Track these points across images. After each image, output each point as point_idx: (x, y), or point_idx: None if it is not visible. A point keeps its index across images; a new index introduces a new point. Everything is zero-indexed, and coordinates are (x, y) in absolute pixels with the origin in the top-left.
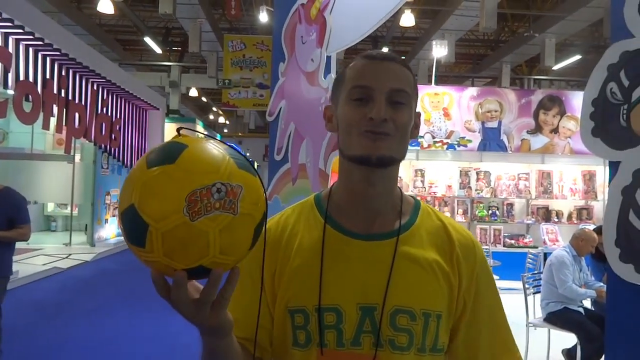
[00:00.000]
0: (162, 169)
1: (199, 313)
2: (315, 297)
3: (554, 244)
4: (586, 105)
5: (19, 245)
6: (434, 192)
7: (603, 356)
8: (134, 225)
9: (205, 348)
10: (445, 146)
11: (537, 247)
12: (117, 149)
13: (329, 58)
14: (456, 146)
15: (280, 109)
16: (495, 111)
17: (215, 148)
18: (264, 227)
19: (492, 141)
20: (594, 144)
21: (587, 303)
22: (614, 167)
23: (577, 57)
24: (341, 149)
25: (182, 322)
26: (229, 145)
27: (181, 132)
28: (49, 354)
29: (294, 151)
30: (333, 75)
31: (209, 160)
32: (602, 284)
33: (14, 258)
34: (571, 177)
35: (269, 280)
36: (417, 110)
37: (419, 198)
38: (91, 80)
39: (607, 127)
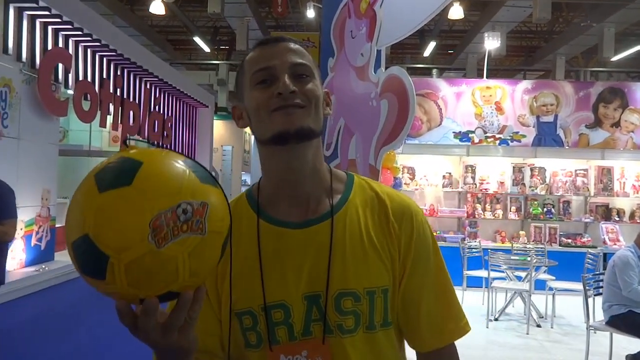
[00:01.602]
0: (118, 192)
1: (165, 338)
2: (260, 296)
3: (615, 244)
4: None
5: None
6: (486, 189)
7: None
8: (90, 257)
9: None
10: (497, 141)
11: (596, 247)
12: (169, 145)
13: (379, 52)
14: (509, 141)
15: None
16: (551, 105)
17: (173, 161)
18: (229, 241)
19: (547, 136)
20: None
21: None
22: None
23: (639, 47)
24: (256, 137)
25: None
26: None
27: (129, 143)
28: (117, 335)
29: (344, 146)
30: (383, 69)
31: (170, 178)
32: None
33: None
34: (634, 173)
35: (212, 287)
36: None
37: (351, 172)
38: (144, 79)
39: None
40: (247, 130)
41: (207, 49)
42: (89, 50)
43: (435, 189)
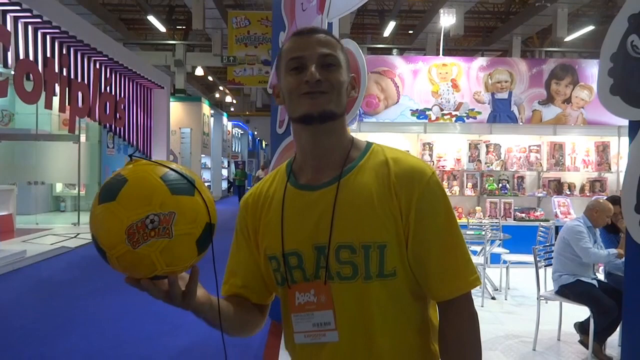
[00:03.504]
0: (107, 206)
1: (173, 303)
2: (280, 245)
3: (566, 217)
4: (604, 61)
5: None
6: (443, 166)
7: (617, 328)
8: (98, 250)
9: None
10: (454, 118)
11: (548, 221)
12: (122, 128)
13: (330, 25)
14: (465, 118)
15: None
16: (506, 82)
17: (152, 178)
18: (213, 228)
19: (502, 113)
20: (613, 103)
21: (601, 275)
22: (633, 126)
23: (590, 27)
24: (289, 115)
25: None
26: (171, 169)
27: (134, 158)
28: (56, 330)
29: None
30: None
31: (144, 194)
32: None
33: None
34: (584, 148)
35: (254, 236)
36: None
37: (374, 142)
38: (93, 58)
39: (627, 83)
40: (206, 112)
41: (162, 28)
42: (29, 27)
43: None
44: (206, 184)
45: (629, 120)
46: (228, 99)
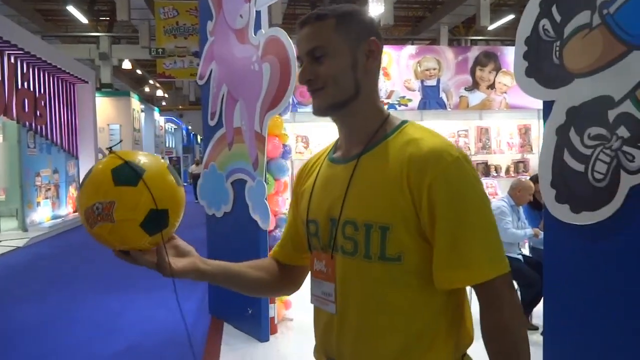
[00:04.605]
0: (80, 191)
1: (162, 272)
2: (305, 213)
3: (494, 198)
4: (519, 44)
5: None
6: None
7: (541, 300)
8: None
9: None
10: (386, 106)
11: None
12: (44, 126)
13: (258, 13)
14: (397, 106)
15: (211, 71)
16: (434, 69)
17: (105, 170)
18: (159, 214)
19: (431, 99)
20: (528, 85)
21: (525, 250)
22: (548, 107)
23: (511, 16)
24: None
25: (120, 303)
26: (126, 163)
27: (113, 150)
28: None
29: (228, 115)
30: (263, 31)
31: (95, 184)
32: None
33: None
34: (508, 131)
35: (299, 200)
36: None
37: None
38: (7, 52)
39: (540, 66)
40: (136, 107)
41: (84, 20)
42: None
43: None
44: None
45: (543, 101)
46: (159, 93)
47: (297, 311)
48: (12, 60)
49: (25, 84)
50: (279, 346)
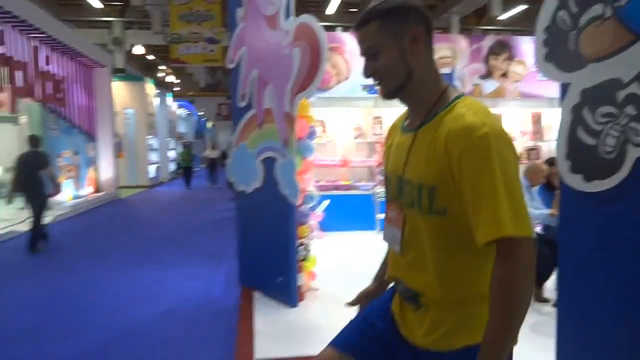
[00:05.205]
0: None
1: None
2: (385, 169)
3: None
4: (540, 32)
5: None
6: None
7: (552, 275)
8: None
9: None
10: None
11: None
12: (64, 109)
13: (288, 0)
14: None
15: (241, 56)
16: (449, 57)
17: None
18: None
19: None
20: (547, 69)
21: (539, 229)
22: (564, 88)
23: (523, 6)
24: None
25: (152, 276)
26: None
27: None
28: (28, 305)
29: (259, 97)
30: (293, 17)
31: None
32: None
33: None
34: (521, 119)
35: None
36: (407, 33)
37: (464, 94)
38: (31, 35)
39: (558, 52)
40: (150, 92)
41: (98, 4)
42: None
43: (346, 140)
44: (154, 166)
45: (560, 83)
46: (170, 78)
47: (322, 282)
48: (35, 44)
49: (48, 67)
50: (307, 311)
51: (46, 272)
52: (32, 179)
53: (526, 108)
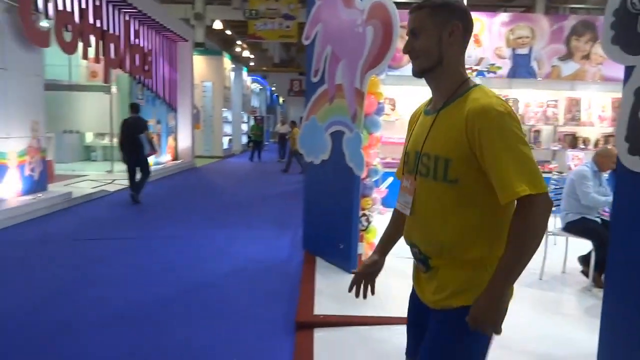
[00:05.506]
0: None
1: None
2: (405, 148)
3: None
4: (608, 15)
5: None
6: None
7: None
8: None
9: None
10: (474, 73)
11: (562, 173)
12: (150, 80)
13: None
14: (486, 73)
15: (317, 33)
16: (527, 37)
17: None
18: None
19: (522, 68)
20: (613, 51)
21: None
22: (628, 70)
23: None
24: None
25: (224, 236)
26: None
27: None
28: (117, 255)
29: (331, 72)
30: None
31: None
32: None
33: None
34: (600, 104)
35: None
36: (448, 30)
37: (479, 82)
38: (123, 10)
39: (625, 35)
40: (227, 66)
41: None
42: None
43: None
44: (227, 138)
45: (625, 66)
46: (245, 53)
47: None
48: (127, 18)
49: (137, 40)
50: None
51: (130, 227)
52: (134, 140)
53: (606, 92)
